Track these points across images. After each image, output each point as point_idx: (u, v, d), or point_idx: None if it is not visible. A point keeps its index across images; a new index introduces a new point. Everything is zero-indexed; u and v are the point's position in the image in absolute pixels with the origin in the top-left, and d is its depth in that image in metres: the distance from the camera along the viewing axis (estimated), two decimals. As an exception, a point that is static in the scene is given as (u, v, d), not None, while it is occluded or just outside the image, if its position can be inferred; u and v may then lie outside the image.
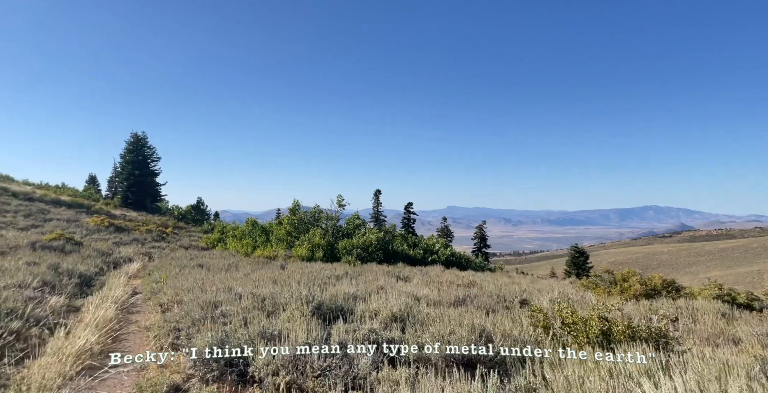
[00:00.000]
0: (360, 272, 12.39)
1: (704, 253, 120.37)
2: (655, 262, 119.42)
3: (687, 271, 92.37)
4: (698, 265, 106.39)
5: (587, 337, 3.08)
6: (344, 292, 5.96)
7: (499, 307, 6.36)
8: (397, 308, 4.84)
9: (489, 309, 6.17)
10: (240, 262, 14.12)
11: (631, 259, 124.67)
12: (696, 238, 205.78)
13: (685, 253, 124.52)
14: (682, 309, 6.46)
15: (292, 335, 3.76)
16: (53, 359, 3.91)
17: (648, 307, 5.71)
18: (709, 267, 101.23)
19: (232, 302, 5.49)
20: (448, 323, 3.61)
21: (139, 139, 42.50)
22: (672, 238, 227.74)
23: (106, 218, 27.04)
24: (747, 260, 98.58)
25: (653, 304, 6.80)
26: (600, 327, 3.17)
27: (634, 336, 3.16)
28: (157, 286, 9.32)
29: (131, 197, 39.98)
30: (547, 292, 7.29)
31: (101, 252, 16.87)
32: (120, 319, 6.97)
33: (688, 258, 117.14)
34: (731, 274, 73.70)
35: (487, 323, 3.58)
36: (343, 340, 3.55)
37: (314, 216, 25.52)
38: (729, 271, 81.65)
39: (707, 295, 9.35)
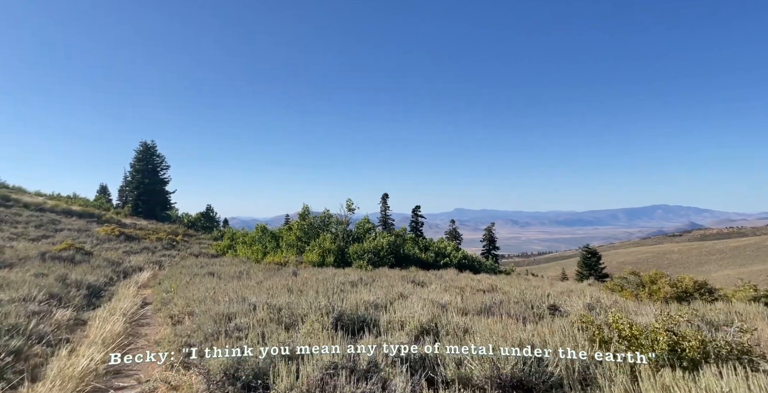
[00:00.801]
0: (374, 277, 12.00)
1: (716, 251, 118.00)
2: (666, 261, 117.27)
3: (699, 270, 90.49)
4: (710, 264, 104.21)
5: (655, 354, 2.64)
6: (364, 301, 5.59)
7: (528, 314, 5.94)
8: (425, 318, 4.46)
9: (519, 317, 5.75)
10: (251, 268, 13.82)
11: (642, 259, 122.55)
12: (707, 236, 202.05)
13: (696, 251, 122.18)
14: (722, 314, 5.97)
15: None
16: (53, 384, 3.59)
17: (693, 313, 5.25)
18: (722, 265, 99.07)
19: (246, 314, 5.15)
20: (489, 337, 3.22)
21: (149, 148, 42.71)
22: (682, 237, 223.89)
23: (117, 227, 27.01)
24: (760, 258, 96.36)
25: (695, 310, 6.32)
26: (668, 342, 2.70)
27: (707, 352, 2.68)
28: (167, 296, 9.03)
29: (141, 206, 40.09)
30: (578, 297, 6.85)
31: (111, 261, 16.70)
32: (129, 333, 6.66)
33: (699, 257, 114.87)
34: (744, 273, 71.98)
35: (535, 337, 3.19)
36: (373, 358, 3.18)
37: (324, 221, 25.22)
38: (742, 270, 79.79)
39: (742, 296, 8.82)
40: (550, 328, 3.67)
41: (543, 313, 6.17)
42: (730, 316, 5.35)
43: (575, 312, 6.01)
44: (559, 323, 4.30)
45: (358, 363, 3.13)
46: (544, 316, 6.07)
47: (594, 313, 5.76)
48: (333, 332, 3.99)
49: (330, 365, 3.08)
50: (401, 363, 3.13)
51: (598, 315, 5.58)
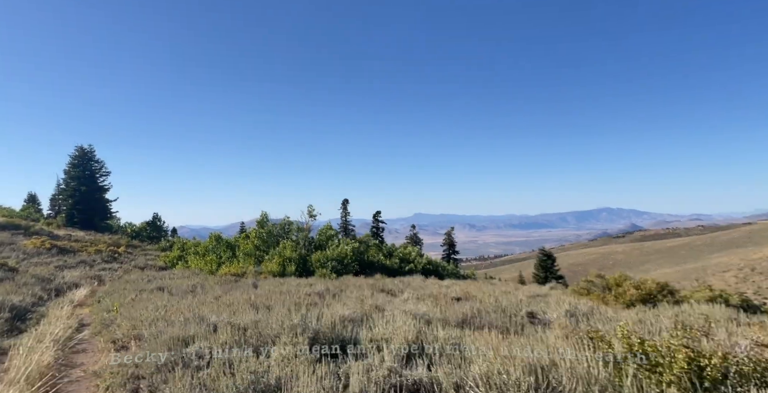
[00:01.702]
0: (341, 287, 11.46)
1: (654, 251, 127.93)
2: (611, 261, 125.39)
3: (640, 269, 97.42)
4: (650, 263, 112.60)
5: (673, 375, 2.39)
6: (340, 316, 5.11)
7: (509, 323, 5.73)
8: (411, 335, 4.07)
9: (502, 327, 5.53)
10: (206, 281, 12.77)
11: (589, 260, 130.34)
12: (646, 237, 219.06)
13: (637, 252, 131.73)
14: (691, 317, 6.09)
15: (296, 386, 2.89)
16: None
17: (673, 318, 5.28)
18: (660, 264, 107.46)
19: (206, 336, 4.49)
20: (494, 359, 2.88)
21: (86, 153, 39.29)
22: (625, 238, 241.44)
23: (48, 239, 24.37)
24: (692, 257, 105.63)
25: (662, 312, 6.43)
26: (686, 359, 2.47)
27: (727, 370, 2.46)
28: (109, 317, 7.98)
29: (77, 216, 36.64)
30: (556, 303, 6.76)
31: (41, 278, 14.87)
32: (62, 363, 5.70)
33: (640, 257, 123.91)
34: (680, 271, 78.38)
35: (543, 355, 2.89)
36: (363, 388, 2.73)
37: (284, 228, 24.23)
38: (677, 268, 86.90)
39: (700, 297, 9.23)
40: (548, 343, 3.40)
41: (523, 322, 5.99)
42: (699, 320, 5.43)
43: (555, 320, 5.89)
44: (552, 336, 4.09)
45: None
46: (524, 325, 5.90)
47: (573, 321, 5.66)
48: (311, 356, 3.49)
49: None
50: (395, 392, 2.72)
51: (580, 323, 5.48)
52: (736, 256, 76.47)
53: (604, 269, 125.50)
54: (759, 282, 53.88)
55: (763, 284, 52.29)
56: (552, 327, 5.62)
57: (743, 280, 56.45)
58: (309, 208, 24.82)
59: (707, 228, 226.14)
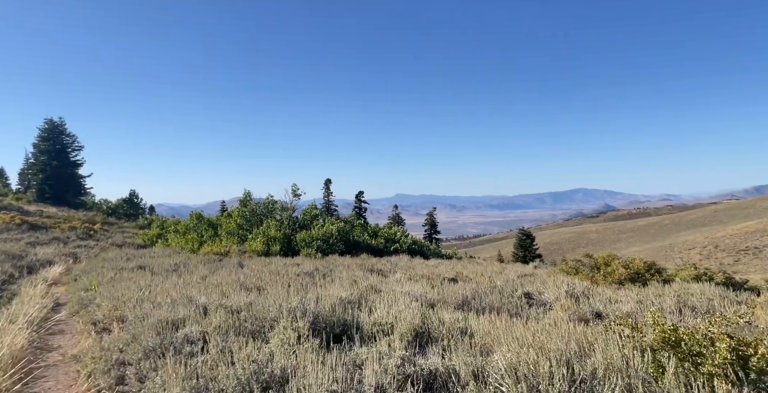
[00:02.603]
0: (330, 267, 11.26)
1: (626, 230, 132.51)
2: (585, 240, 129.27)
3: (612, 248, 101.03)
4: (621, 241, 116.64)
5: (714, 366, 2.25)
6: (338, 298, 4.89)
7: (511, 306, 5.64)
8: (416, 319, 3.89)
9: (503, 309, 5.43)
10: (189, 260, 12.35)
11: (564, 239, 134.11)
12: (619, 217, 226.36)
13: (610, 231, 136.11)
14: (693, 297, 6.05)
15: (303, 375, 2.65)
16: None
17: (675, 297, 5.27)
18: (630, 243, 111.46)
19: (197, 320, 4.21)
20: (515, 346, 2.71)
21: (56, 126, 37.18)
22: (599, 218, 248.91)
23: (18, 215, 23.22)
24: (661, 235, 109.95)
25: (655, 291, 6.45)
26: (728, 349, 2.32)
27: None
28: (86, 296, 7.57)
29: (49, 191, 34.99)
30: (553, 284, 6.72)
31: (11, 255, 14.15)
32: (36, 346, 5.34)
33: (612, 235, 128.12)
34: (648, 249, 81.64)
35: (571, 343, 2.73)
36: (380, 382, 2.51)
37: (267, 207, 23.72)
38: (646, 246, 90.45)
39: (685, 276, 9.43)
40: (570, 330, 3.24)
41: (521, 303, 5.92)
42: (701, 300, 5.44)
43: (555, 301, 5.84)
44: (555, 317, 3.97)
45: (362, 390, 2.46)
46: (522, 306, 5.82)
47: (574, 302, 5.60)
48: (315, 343, 3.26)
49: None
50: (411, 384, 2.52)
51: (581, 304, 5.42)
52: (701, 235, 79.97)
53: (578, 248, 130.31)
54: (721, 259, 56.69)
55: (725, 261, 55.07)
56: (553, 308, 5.56)
57: (707, 257, 59.33)
58: (293, 187, 24.31)
59: (676, 207, 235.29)
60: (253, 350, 3.17)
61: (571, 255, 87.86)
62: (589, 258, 10.16)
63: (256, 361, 2.91)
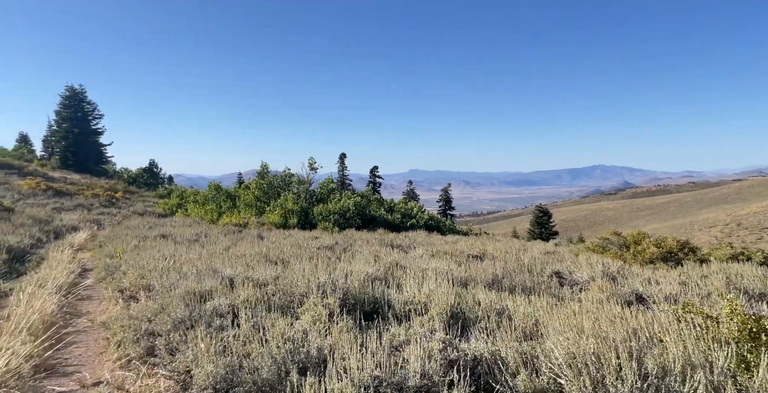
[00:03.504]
0: (350, 242, 11.19)
1: (644, 208, 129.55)
2: (601, 218, 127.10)
3: (629, 225, 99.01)
4: (639, 219, 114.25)
5: None
6: (365, 274, 4.74)
7: (543, 285, 5.43)
8: (451, 299, 3.71)
9: (534, 290, 5.22)
10: (209, 231, 12.45)
11: (580, 217, 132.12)
12: (637, 194, 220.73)
13: (627, 209, 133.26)
14: (744, 279, 5.65)
15: (342, 357, 2.51)
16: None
17: (723, 279, 4.96)
18: (648, 221, 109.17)
19: (224, 292, 4.13)
20: (572, 334, 2.49)
21: (77, 94, 37.37)
22: (616, 195, 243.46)
23: (43, 181, 23.75)
24: (681, 213, 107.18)
25: (696, 271, 6.12)
26: None
27: None
28: (112, 263, 7.66)
29: (72, 158, 35.66)
30: (583, 263, 6.46)
31: (38, 219, 14.50)
32: (65, 311, 5.41)
33: (630, 213, 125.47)
34: (667, 227, 79.92)
35: (643, 331, 2.51)
36: (426, 370, 2.34)
37: (285, 180, 23.72)
38: (665, 224, 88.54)
39: (720, 255, 9.03)
40: (641, 320, 2.98)
41: (551, 283, 5.70)
42: (752, 281, 5.09)
43: (590, 281, 5.59)
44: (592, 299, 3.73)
45: (406, 376, 2.30)
46: (553, 286, 5.60)
47: (610, 282, 5.35)
48: (349, 322, 3.12)
49: (369, 382, 2.22)
50: (456, 370, 2.34)
51: (619, 286, 5.16)
52: (723, 212, 77.72)
53: (594, 225, 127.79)
54: (743, 237, 55.20)
55: (748, 239, 53.62)
56: (586, 288, 5.33)
57: (728, 235, 57.86)
58: (310, 161, 24.15)
59: (698, 184, 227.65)
60: (286, 327, 3.05)
61: (587, 232, 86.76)
62: (618, 236, 9.80)
63: (292, 340, 2.79)
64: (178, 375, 2.88)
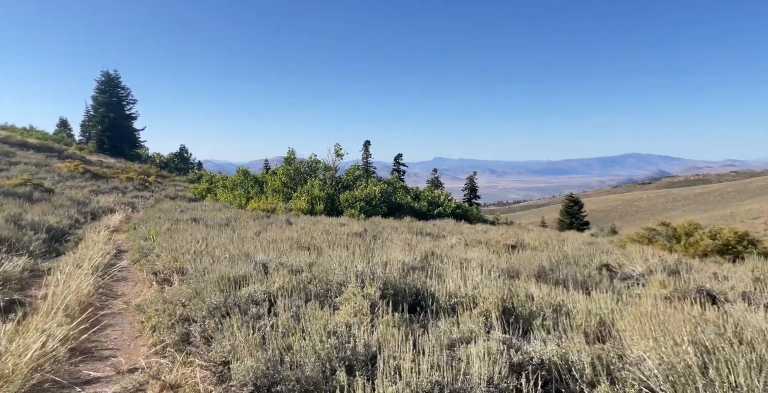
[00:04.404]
0: (378, 229, 10.98)
1: (681, 198, 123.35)
2: (634, 208, 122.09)
3: (664, 216, 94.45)
4: (675, 210, 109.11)
5: None
6: (401, 263, 4.49)
7: (594, 278, 5.02)
8: (502, 292, 3.40)
9: (585, 283, 4.83)
10: (238, 215, 12.50)
11: (612, 207, 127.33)
12: (674, 184, 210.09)
13: (663, 199, 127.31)
14: None
15: (392, 356, 2.26)
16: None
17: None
18: (685, 211, 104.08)
19: (258, 278, 3.96)
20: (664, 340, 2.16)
21: (112, 79, 38.38)
22: (651, 184, 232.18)
23: (81, 164, 24.61)
24: (721, 204, 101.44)
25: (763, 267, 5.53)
26: None
27: None
28: (146, 245, 7.72)
29: (107, 142, 36.89)
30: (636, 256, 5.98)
31: (76, 201, 14.98)
32: (101, 292, 5.43)
33: (665, 203, 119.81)
34: (705, 218, 75.92)
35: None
36: (489, 373, 2.07)
37: (311, 166, 23.71)
38: (703, 215, 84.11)
39: (786, 250, 8.28)
40: None
41: (601, 277, 5.27)
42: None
43: (648, 275, 5.14)
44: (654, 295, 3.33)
45: (470, 383, 2.03)
46: (603, 279, 5.18)
47: (671, 277, 4.89)
48: (396, 316, 2.87)
49: (429, 388, 1.97)
50: (525, 379, 2.05)
51: (682, 281, 4.70)
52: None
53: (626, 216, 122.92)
54: None
55: None
56: (641, 283, 4.89)
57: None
58: (336, 147, 23.97)
59: (741, 174, 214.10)
60: (327, 318, 2.83)
61: (619, 223, 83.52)
62: (666, 226, 9.15)
63: (336, 334, 2.56)
64: (214, 366, 2.72)
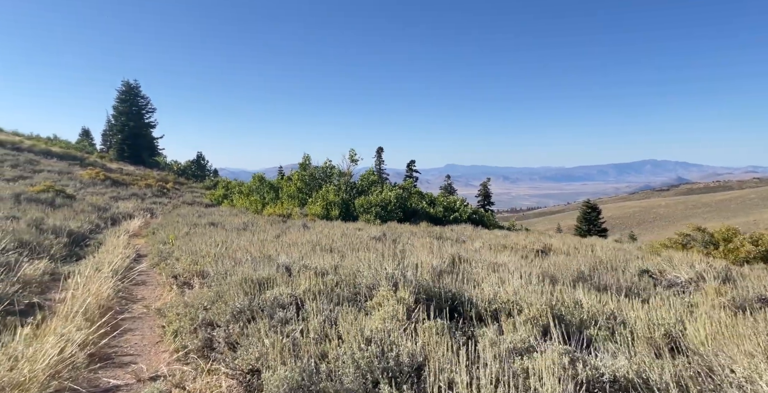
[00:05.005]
0: (397, 233, 10.73)
1: (701, 205, 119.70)
2: (652, 215, 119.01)
3: (683, 223, 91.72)
4: (695, 217, 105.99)
5: None
6: (431, 266, 4.24)
7: (636, 285, 4.68)
8: (548, 299, 3.11)
9: (629, 289, 4.50)
10: (255, 220, 12.42)
11: (628, 214, 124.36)
12: (693, 190, 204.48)
13: (682, 206, 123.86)
14: None
15: (441, 369, 2.01)
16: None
17: None
18: (706, 219, 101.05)
19: (284, 281, 3.76)
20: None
21: (132, 88, 39.31)
22: (669, 191, 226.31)
23: (102, 171, 25.07)
24: (743, 211, 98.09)
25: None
26: None
27: None
28: (165, 249, 7.64)
29: (127, 150, 37.64)
30: (678, 262, 5.61)
31: (97, 207, 15.14)
32: (121, 296, 5.30)
33: (685, 210, 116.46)
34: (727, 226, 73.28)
35: None
36: (562, 386, 1.82)
37: (326, 172, 23.70)
38: (726, 222, 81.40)
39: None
40: None
41: (643, 283, 4.92)
42: None
43: (690, 281, 4.78)
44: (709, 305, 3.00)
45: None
46: (646, 286, 4.84)
47: (726, 284, 4.52)
48: (439, 323, 2.61)
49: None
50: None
51: (738, 289, 4.33)
52: (794, 211, 70.13)
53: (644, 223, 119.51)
54: None
55: None
56: (696, 291, 4.53)
57: (798, 235, 52.17)
58: (350, 153, 23.94)
59: (763, 180, 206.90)
60: (365, 323, 2.60)
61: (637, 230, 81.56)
62: (702, 232, 8.69)
63: (374, 341, 2.33)
64: (241, 374, 2.51)
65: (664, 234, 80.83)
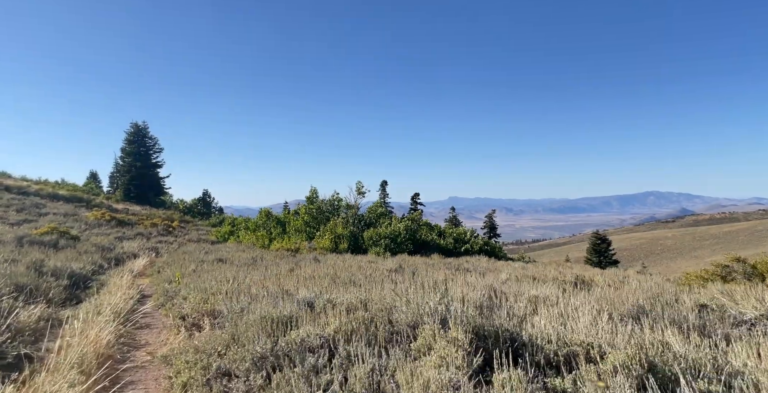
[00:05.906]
0: (413, 266, 10.21)
1: (709, 236, 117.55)
2: (659, 247, 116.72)
3: (692, 256, 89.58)
4: (703, 248, 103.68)
5: None
6: (473, 300, 3.75)
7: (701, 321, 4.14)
8: (638, 340, 2.61)
9: (699, 325, 3.96)
10: (264, 255, 11.94)
11: (636, 245, 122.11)
12: (699, 222, 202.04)
13: (689, 237, 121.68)
14: None
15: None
16: None
17: None
18: (715, 250, 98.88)
19: (310, 319, 3.27)
20: None
21: (140, 130, 40.16)
22: (675, 223, 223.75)
23: (107, 212, 24.89)
24: (753, 243, 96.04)
25: None
26: None
27: None
28: (171, 288, 7.15)
29: (133, 191, 37.79)
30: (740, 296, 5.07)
31: (101, 247, 14.73)
32: (122, 342, 4.77)
33: (692, 242, 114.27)
34: (737, 258, 71.36)
35: None
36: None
37: (333, 205, 23.40)
38: (734, 255, 79.40)
39: None
40: None
41: (709, 319, 4.38)
42: None
43: (754, 317, 4.24)
44: None
45: None
46: (712, 323, 4.28)
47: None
48: (516, 373, 2.12)
49: None
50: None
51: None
52: (805, 243, 68.48)
53: (652, 255, 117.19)
54: None
55: None
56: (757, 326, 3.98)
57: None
58: (357, 185, 23.77)
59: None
60: (429, 376, 2.12)
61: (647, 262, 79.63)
62: (743, 263, 8.12)
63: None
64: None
65: (673, 266, 78.46)
